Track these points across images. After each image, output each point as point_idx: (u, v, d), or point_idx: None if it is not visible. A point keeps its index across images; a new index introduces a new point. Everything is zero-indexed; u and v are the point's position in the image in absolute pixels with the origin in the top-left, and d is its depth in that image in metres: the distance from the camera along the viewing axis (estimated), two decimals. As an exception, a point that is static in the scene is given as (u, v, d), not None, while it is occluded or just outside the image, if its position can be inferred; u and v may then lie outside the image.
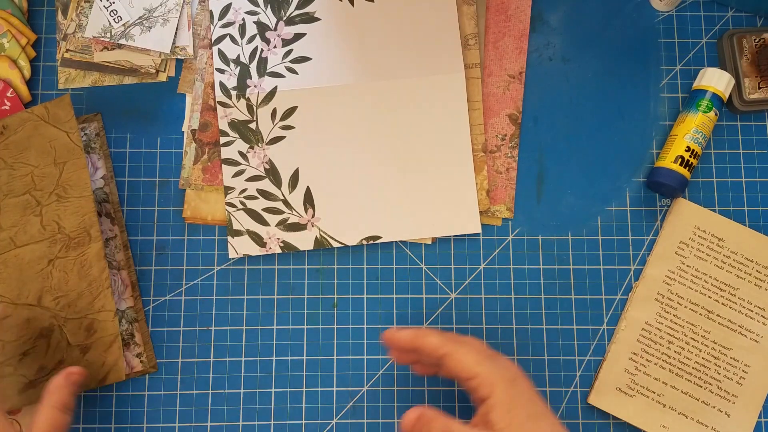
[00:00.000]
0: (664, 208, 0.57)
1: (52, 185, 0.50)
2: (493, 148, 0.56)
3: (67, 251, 0.50)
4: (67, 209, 0.50)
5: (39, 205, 0.50)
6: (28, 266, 0.50)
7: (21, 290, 0.50)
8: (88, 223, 0.50)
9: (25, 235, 0.50)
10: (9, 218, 0.50)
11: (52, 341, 0.49)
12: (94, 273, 0.50)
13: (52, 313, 0.49)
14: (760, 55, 0.57)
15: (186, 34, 0.57)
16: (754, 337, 0.54)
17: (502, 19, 0.58)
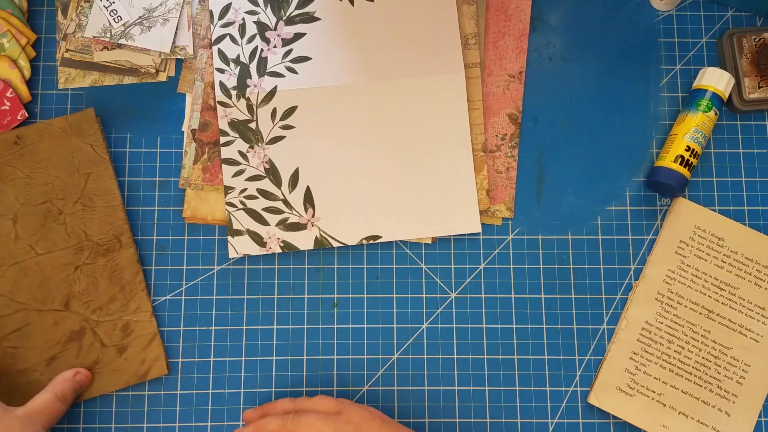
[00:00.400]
0: (664, 208, 0.57)
1: (76, 195, 0.52)
2: (493, 147, 0.56)
3: (95, 258, 0.52)
4: (94, 218, 0.52)
5: (62, 213, 0.52)
6: (52, 273, 0.51)
7: (45, 297, 0.51)
8: (118, 231, 0.52)
9: (46, 242, 0.52)
10: (28, 226, 0.52)
11: (85, 343, 0.51)
12: (127, 277, 0.52)
13: (82, 317, 0.51)
14: (759, 54, 0.57)
15: (186, 34, 0.57)
16: (754, 336, 0.54)
17: (502, 18, 0.58)
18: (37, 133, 0.53)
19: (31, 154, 0.52)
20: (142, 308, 0.52)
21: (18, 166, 0.52)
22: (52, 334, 0.51)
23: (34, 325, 0.51)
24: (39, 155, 0.52)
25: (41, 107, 0.56)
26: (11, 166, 0.52)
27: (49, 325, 0.51)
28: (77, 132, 0.53)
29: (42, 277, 0.51)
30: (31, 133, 0.53)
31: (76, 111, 0.56)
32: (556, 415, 0.53)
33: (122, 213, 0.53)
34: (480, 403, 0.53)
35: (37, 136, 0.53)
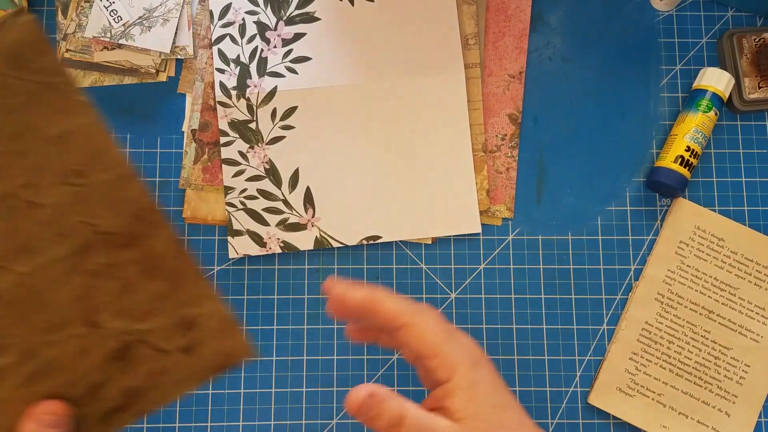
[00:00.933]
0: (664, 208, 0.56)
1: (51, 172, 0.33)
2: (493, 147, 0.56)
3: (116, 253, 0.35)
4: (95, 199, 0.34)
5: (35, 207, 0.34)
6: (52, 293, 0.35)
7: (52, 324, 0.35)
8: (138, 208, 0.35)
9: (29, 255, 0.34)
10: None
11: (135, 357, 0.37)
12: (169, 263, 0.36)
13: (122, 330, 0.37)
14: (760, 54, 0.57)
15: (186, 34, 0.57)
16: (754, 336, 0.54)
17: (502, 18, 0.58)
18: None
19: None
20: (200, 292, 0.37)
21: None
22: (84, 363, 0.36)
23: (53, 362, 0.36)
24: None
25: (41, 107, 0.56)
26: None
27: (74, 355, 0.36)
28: (17, 65, 0.31)
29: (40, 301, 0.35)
30: None
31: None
32: (556, 415, 0.53)
33: (137, 183, 0.34)
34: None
35: None
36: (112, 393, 0.37)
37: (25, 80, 0.31)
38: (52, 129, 0.32)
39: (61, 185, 0.33)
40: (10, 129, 0.31)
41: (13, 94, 0.31)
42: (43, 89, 0.31)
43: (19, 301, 0.34)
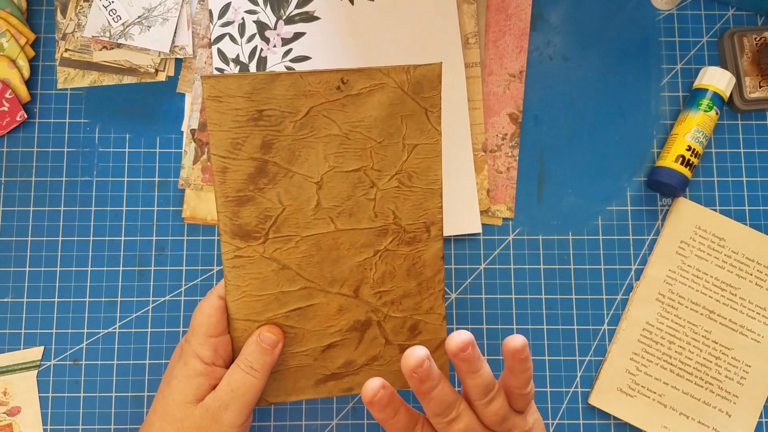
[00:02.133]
0: (665, 208, 0.56)
1: (393, 168, 0.43)
2: (494, 147, 0.56)
3: (398, 245, 0.44)
4: (408, 200, 0.43)
5: (373, 187, 0.43)
6: (348, 253, 0.43)
7: (335, 278, 0.44)
8: (430, 219, 0.44)
9: (350, 218, 0.43)
10: (332, 195, 0.43)
11: (367, 336, 0.45)
12: (427, 273, 0.44)
13: (371, 307, 0.44)
14: (760, 53, 0.57)
15: (185, 34, 0.57)
16: (755, 336, 0.54)
17: (502, 17, 0.58)
18: (366, 81, 0.41)
19: (355, 108, 0.42)
20: (435, 310, 0.45)
21: (336, 120, 0.42)
22: (335, 321, 0.44)
23: (317, 307, 0.44)
24: (363, 111, 0.42)
25: (40, 107, 0.56)
26: (328, 118, 0.42)
27: (333, 311, 0.44)
28: (415, 90, 0.42)
29: (336, 256, 0.43)
30: (359, 80, 0.41)
31: (75, 111, 0.56)
32: (556, 416, 0.53)
33: (439, 200, 0.44)
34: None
35: (366, 86, 0.41)
36: (337, 358, 0.45)
37: (415, 102, 0.42)
38: (410, 139, 0.42)
39: (393, 179, 0.43)
40: (390, 129, 0.42)
41: (404, 107, 0.42)
42: (420, 111, 0.42)
43: (326, 249, 0.43)
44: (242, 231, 0.41)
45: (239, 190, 0.41)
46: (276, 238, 0.42)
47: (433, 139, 0.43)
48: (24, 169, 0.55)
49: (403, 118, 0.42)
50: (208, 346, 0.40)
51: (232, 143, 0.40)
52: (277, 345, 0.42)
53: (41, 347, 0.53)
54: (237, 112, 0.40)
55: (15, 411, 0.52)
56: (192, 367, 0.40)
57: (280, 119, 0.40)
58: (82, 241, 0.55)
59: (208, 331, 0.41)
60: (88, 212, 0.55)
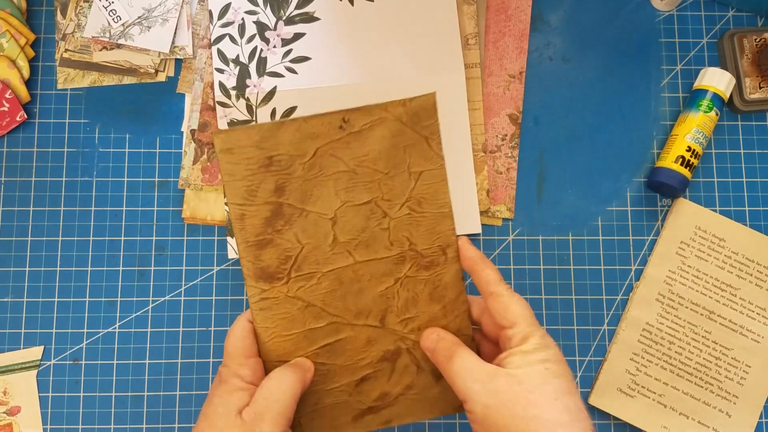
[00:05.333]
0: (665, 208, 0.56)
1: (403, 196, 0.44)
2: (494, 148, 0.56)
3: (417, 270, 0.44)
4: (421, 225, 0.44)
5: (386, 217, 0.44)
6: (369, 285, 0.44)
7: (360, 310, 0.44)
8: (445, 241, 0.44)
9: (367, 249, 0.44)
10: (347, 228, 0.43)
11: (398, 365, 0.44)
12: (450, 296, 0.44)
13: (398, 336, 0.44)
14: (760, 54, 0.57)
15: (185, 34, 0.57)
16: (754, 337, 0.54)
17: (502, 18, 0.58)
18: (366, 118, 0.43)
19: (359, 144, 0.43)
20: (463, 332, 0.44)
21: (342, 157, 0.43)
22: (365, 353, 0.44)
23: (346, 341, 0.44)
24: (367, 146, 0.43)
25: (40, 107, 0.56)
26: (335, 156, 0.43)
27: (362, 343, 0.44)
28: (413, 121, 0.43)
29: (358, 288, 0.44)
30: (360, 117, 0.43)
31: (75, 112, 0.56)
32: (556, 416, 0.53)
33: (451, 222, 0.44)
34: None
35: (367, 122, 0.43)
36: (372, 391, 0.44)
37: (415, 131, 0.43)
38: (415, 167, 0.43)
39: (404, 206, 0.43)
40: (395, 159, 0.43)
41: (405, 138, 0.43)
42: (421, 140, 0.43)
43: (348, 282, 0.43)
44: (265, 273, 0.42)
45: (258, 234, 0.42)
46: (298, 277, 0.43)
47: (437, 164, 0.43)
48: (24, 170, 0.55)
49: (406, 147, 0.43)
50: (247, 366, 0.41)
51: (247, 191, 0.41)
52: (309, 369, 0.42)
53: (41, 347, 0.53)
54: (249, 161, 0.41)
55: (15, 410, 0.52)
56: (233, 384, 0.40)
57: (290, 162, 0.42)
58: (82, 241, 0.55)
59: (245, 352, 0.41)
60: (88, 212, 0.55)
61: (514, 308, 0.40)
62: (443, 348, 0.41)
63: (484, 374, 0.38)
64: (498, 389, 0.37)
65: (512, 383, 0.37)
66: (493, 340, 0.43)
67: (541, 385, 0.36)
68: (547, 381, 0.37)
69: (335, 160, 0.43)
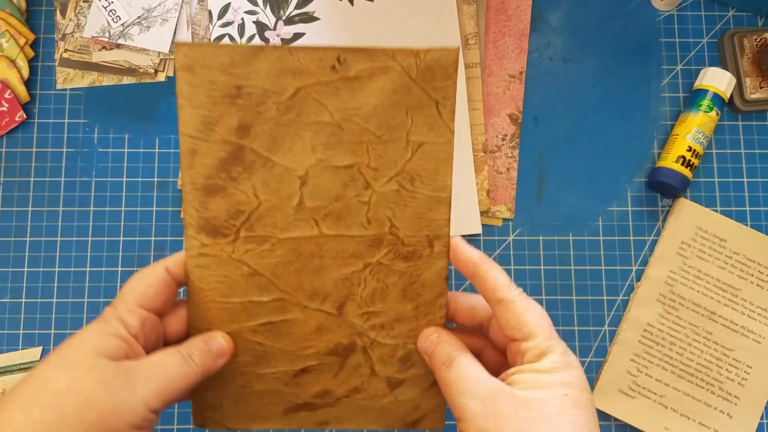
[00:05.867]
0: (666, 209, 0.56)
1: (394, 168, 0.36)
2: (494, 148, 0.56)
3: (394, 259, 0.37)
4: (409, 206, 0.37)
5: (368, 188, 0.36)
6: (333, 264, 0.37)
7: (315, 291, 0.37)
8: (434, 232, 0.37)
9: (338, 222, 0.37)
10: (319, 193, 0.36)
11: (349, 363, 0.38)
12: (427, 296, 0.38)
13: (356, 330, 0.38)
14: (761, 54, 0.56)
15: (185, 34, 0.56)
16: (756, 338, 0.54)
17: (502, 18, 0.58)
18: (366, 62, 0.35)
19: (351, 93, 0.35)
20: None
21: (328, 105, 0.35)
22: (312, 341, 0.38)
23: (292, 323, 0.37)
24: (361, 97, 0.35)
25: (39, 108, 0.56)
26: (319, 102, 0.35)
27: (311, 329, 0.38)
28: (425, 78, 0.35)
29: (319, 265, 0.37)
30: (359, 60, 0.35)
31: (74, 112, 0.56)
32: None
33: (447, 210, 0.37)
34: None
35: (366, 68, 0.35)
36: (312, 385, 0.38)
37: (424, 91, 0.35)
38: (415, 136, 0.36)
39: (393, 180, 0.36)
40: (392, 121, 0.35)
41: (411, 97, 0.35)
42: (430, 103, 0.36)
43: (307, 256, 0.37)
44: (209, 225, 0.36)
45: (208, 177, 0.35)
46: (248, 238, 0.36)
47: (444, 137, 0.36)
48: (23, 170, 0.55)
49: (409, 109, 0.36)
50: (137, 315, 0.34)
51: (203, 121, 0.35)
52: (223, 355, 0.36)
53: (39, 348, 0.53)
54: (212, 87, 0.34)
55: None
56: (114, 327, 0.33)
57: (262, 99, 0.35)
58: (81, 242, 0.54)
59: (142, 300, 0.34)
60: (86, 213, 0.55)
61: (529, 317, 0.33)
62: (443, 352, 0.35)
63: (486, 391, 0.31)
64: (500, 412, 0.30)
65: (519, 408, 0.30)
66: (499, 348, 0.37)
67: (556, 416, 0.30)
68: (565, 411, 0.30)
69: (319, 106, 0.35)
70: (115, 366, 0.31)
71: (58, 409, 0.29)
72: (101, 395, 0.30)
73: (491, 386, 0.32)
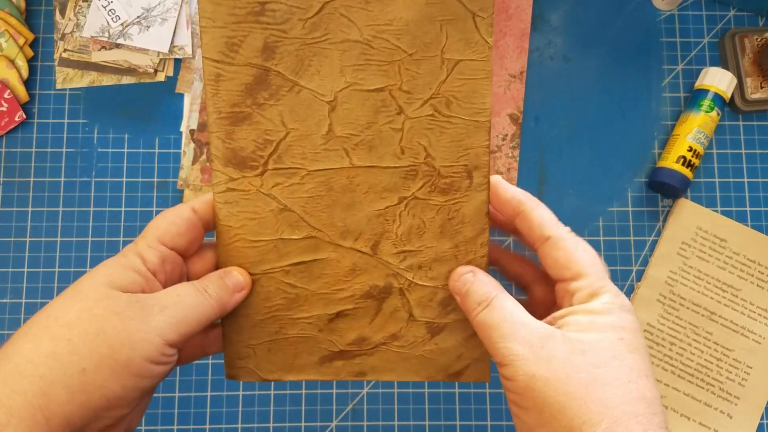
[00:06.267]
0: (666, 209, 0.56)
1: (428, 90, 0.34)
2: (494, 148, 0.56)
3: (430, 192, 0.34)
4: (445, 133, 0.34)
5: (401, 113, 0.34)
6: (365, 198, 0.35)
7: (348, 228, 0.35)
8: (473, 161, 0.34)
9: (369, 153, 0.34)
10: (349, 120, 0.34)
11: (386, 307, 0.36)
12: (467, 233, 0.35)
13: (392, 270, 0.35)
14: (762, 54, 0.56)
15: (184, 33, 0.56)
16: (756, 338, 0.54)
17: (503, 18, 0.58)
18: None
19: (381, 7, 0.33)
20: None
21: (357, 21, 0.33)
22: (346, 283, 0.35)
23: (325, 263, 0.35)
24: (392, 11, 0.33)
25: (39, 108, 0.56)
26: (347, 18, 0.33)
27: (344, 270, 0.35)
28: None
29: (351, 200, 0.34)
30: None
31: (73, 112, 0.56)
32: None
33: (486, 136, 0.34)
34: (481, 406, 0.53)
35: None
36: (348, 332, 0.36)
37: (460, 2, 0.33)
38: (451, 53, 0.33)
39: (427, 104, 0.34)
40: (426, 37, 0.33)
41: (445, 9, 0.33)
42: (466, 16, 0.33)
43: (338, 190, 0.34)
44: (237, 157, 0.34)
45: (234, 105, 0.34)
46: (277, 170, 0.34)
47: (482, 54, 0.33)
48: (22, 170, 0.55)
49: (443, 23, 0.33)
50: (157, 251, 0.32)
51: (227, 43, 0.33)
52: (240, 290, 0.34)
53: (39, 348, 0.53)
54: (235, 3, 0.33)
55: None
56: (130, 260, 0.31)
57: (287, 16, 0.33)
58: (81, 242, 0.54)
59: (163, 237, 0.32)
60: (86, 213, 0.55)
61: (581, 255, 0.31)
62: (479, 291, 0.32)
63: (535, 335, 0.29)
64: (552, 356, 0.28)
65: (573, 351, 0.28)
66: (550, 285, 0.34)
67: (611, 360, 0.28)
68: (621, 356, 0.28)
69: (347, 23, 0.33)
70: (128, 297, 0.29)
71: (68, 339, 0.28)
72: (112, 325, 0.28)
73: (539, 329, 0.29)
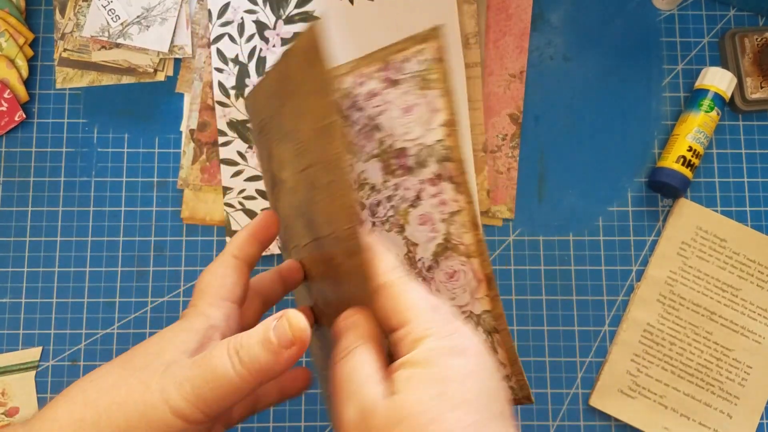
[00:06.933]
0: (666, 209, 0.56)
1: (308, 161, 0.32)
2: (494, 147, 0.56)
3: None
4: (320, 204, 0.32)
5: (313, 189, 0.32)
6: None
7: None
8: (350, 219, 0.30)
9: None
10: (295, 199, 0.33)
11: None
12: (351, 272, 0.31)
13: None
14: (762, 54, 0.56)
15: (184, 33, 0.56)
16: (756, 338, 0.54)
17: (502, 17, 0.58)
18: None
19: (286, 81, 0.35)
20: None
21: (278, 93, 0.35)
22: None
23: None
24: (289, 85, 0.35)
25: (38, 107, 0.56)
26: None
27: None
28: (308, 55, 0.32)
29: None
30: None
31: (73, 111, 0.56)
32: (557, 417, 0.53)
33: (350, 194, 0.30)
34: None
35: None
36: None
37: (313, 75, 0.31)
38: (315, 121, 0.31)
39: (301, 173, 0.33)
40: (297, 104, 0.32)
41: (308, 85, 0.32)
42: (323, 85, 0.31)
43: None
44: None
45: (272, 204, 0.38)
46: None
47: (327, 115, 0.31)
48: (22, 170, 0.55)
49: (307, 94, 0.33)
50: (222, 308, 0.30)
51: (259, 157, 0.38)
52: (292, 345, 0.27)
53: (39, 348, 0.53)
54: (252, 128, 0.36)
55: (13, 411, 0.52)
56: (198, 323, 0.29)
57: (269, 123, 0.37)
58: (81, 242, 0.54)
59: (221, 292, 0.30)
60: (86, 213, 0.55)
61: (407, 299, 0.27)
62: (344, 341, 0.28)
63: (366, 401, 0.25)
64: (373, 427, 0.25)
65: (389, 423, 0.24)
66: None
67: (428, 425, 0.24)
68: (439, 417, 0.24)
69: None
70: (165, 368, 0.27)
71: (95, 407, 0.26)
72: (134, 398, 0.26)
73: (368, 395, 0.25)
